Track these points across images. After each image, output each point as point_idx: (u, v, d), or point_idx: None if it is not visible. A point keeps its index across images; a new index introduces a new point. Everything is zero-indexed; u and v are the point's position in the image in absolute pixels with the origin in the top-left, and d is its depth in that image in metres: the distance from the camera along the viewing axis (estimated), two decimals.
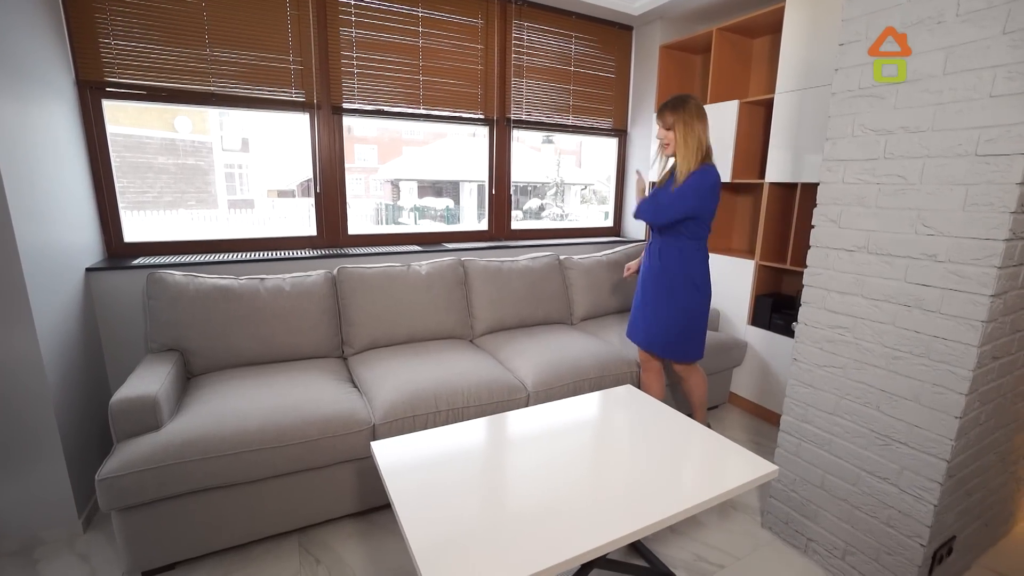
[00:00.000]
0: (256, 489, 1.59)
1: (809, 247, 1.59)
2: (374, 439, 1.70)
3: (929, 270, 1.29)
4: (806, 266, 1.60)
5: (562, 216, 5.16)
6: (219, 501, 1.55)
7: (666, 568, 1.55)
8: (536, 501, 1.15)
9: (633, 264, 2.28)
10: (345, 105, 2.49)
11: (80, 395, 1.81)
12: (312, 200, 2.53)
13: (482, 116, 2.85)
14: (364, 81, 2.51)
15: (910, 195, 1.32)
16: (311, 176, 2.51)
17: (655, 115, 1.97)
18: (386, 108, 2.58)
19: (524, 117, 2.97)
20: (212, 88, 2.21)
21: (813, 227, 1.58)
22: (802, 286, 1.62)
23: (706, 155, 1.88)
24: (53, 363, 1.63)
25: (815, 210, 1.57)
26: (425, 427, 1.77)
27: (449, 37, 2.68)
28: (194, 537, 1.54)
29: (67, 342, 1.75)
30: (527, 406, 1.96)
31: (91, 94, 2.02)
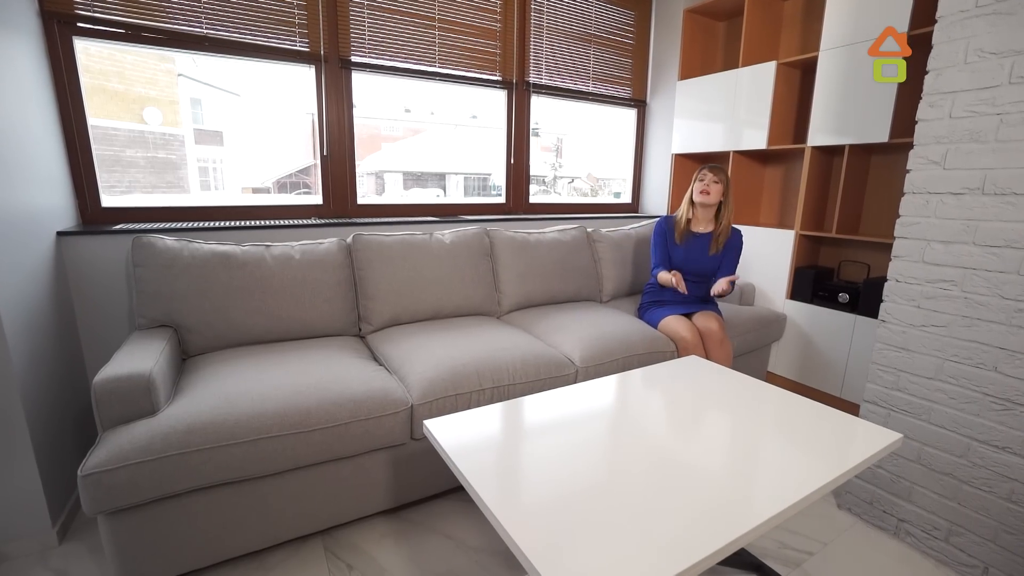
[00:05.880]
0: (273, 484, 1.34)
1: (903, 194, 1.43)
2: (412, 421, 1.47)
3: None
4: (897, 228, 1.44)
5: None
6: (229, 500, 1.29)
7: (755, 559, 1.36)
8: (642, 484, 0.94)
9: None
10: (354, 58, 2.23)
11: (52, 380, 1.51)
12: (318, 164, 2.27)
13: (500, 78, 2.63)
14: (375, 32, 2.26)
15: None
16: (316, 138, 2.24)
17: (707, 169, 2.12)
18: (400, 65, 2.34)
19: (543, 81, 2.76)
20: (204, 31, 1.93)
21: (908, 171, 1.41)
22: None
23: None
24: (19, 343, 1.34)
25: (911, 153, 1.41)
26: (468, 407, 1.54)
27: None
28: (199, 544, 1.28)
29: (35, 318, 1.45)
30: (575, 382, 1.75)
31: (59, 29, 1.72)
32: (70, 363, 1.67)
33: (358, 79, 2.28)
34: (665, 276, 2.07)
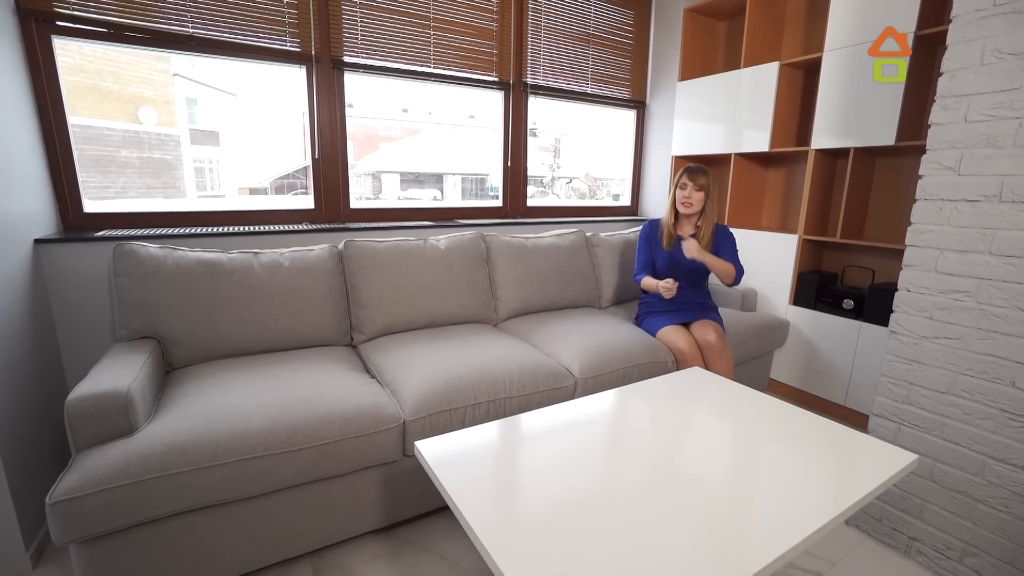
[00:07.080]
0: (258, 506, 1.27)
1: (915, 200, 1.37)
2: (404, 438, 1.41)
3: None
4: (909, 236, 1.38)
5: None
6: (211, 524, 1.23)
7: None
8: (645, 514, 0.88)
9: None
10: (347, 58, 2.17)
11: (28, 395, 1.45)
12: (309, 167, 2.20)
13: (496, 79, 2.57)
14: (369, 32, 2.19)
15: None
16: (307, 140, 2.18)
17: (685, 173, 2.03)
18: (392, 65, 2.27)
19: (541, 82, 2.70)
20: (191, 30, 1.86)
21: (921, 177, 1.36)
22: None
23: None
24: None
25: (923, 158, 1.35)
26: (463, 422, 1.48)
27: None
28: (179, 571, 1.21)
29: (11, 330, 1.38)
30: (575, 395, 1.70)
31: (37, 28, 1.65)
32: (48, 377, 1.60)
33: (352, 80, 2.22)
34: (651, 282, 2.04)
